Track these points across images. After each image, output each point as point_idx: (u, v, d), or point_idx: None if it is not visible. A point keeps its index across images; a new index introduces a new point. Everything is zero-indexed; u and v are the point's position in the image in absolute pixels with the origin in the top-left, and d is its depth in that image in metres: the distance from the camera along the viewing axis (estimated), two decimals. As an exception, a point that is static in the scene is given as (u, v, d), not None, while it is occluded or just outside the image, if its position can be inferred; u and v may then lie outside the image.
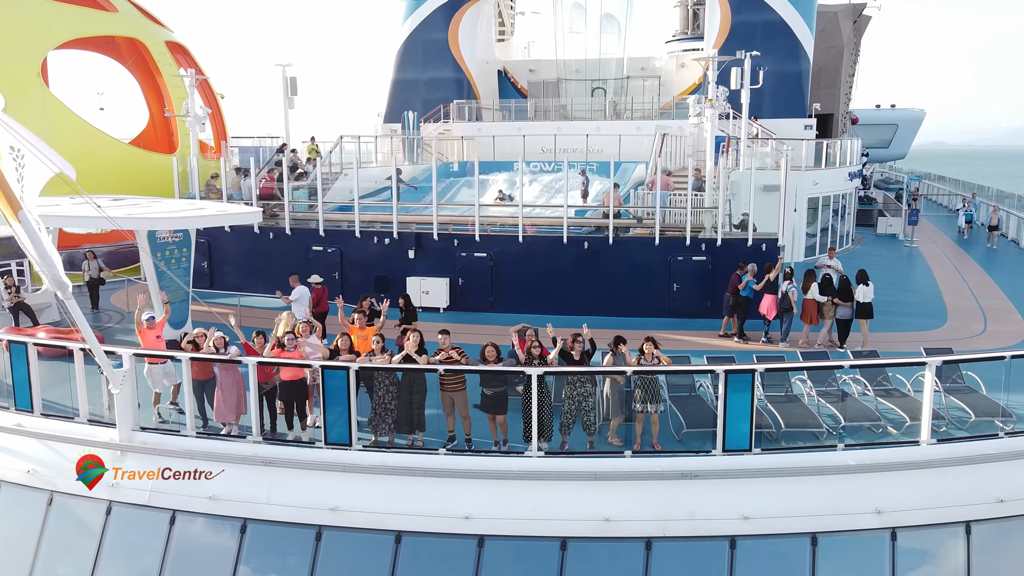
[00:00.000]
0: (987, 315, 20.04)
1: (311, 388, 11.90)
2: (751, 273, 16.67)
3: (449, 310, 20.05)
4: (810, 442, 11.67)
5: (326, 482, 11.08)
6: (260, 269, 21.76)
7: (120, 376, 11.59)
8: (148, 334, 13.30)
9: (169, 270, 15.88)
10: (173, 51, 28.39)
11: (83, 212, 15.80)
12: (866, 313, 16.58)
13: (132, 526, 11.48)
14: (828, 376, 13.04)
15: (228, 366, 11.66)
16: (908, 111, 62.03)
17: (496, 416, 11.44)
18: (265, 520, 11.06)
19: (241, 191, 22.06)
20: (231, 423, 11.86)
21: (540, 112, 38.77)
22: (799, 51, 35.20)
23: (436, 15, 39.04)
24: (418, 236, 20.27)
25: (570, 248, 19.33)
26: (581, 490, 10.75)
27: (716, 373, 10.94)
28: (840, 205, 30.96)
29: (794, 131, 33.04)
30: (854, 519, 10.71)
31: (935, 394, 12.66)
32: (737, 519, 10.59)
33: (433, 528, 10.74)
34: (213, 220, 15.95)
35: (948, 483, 10.98)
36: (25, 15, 23.06)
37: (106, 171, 23.68)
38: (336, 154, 27.41)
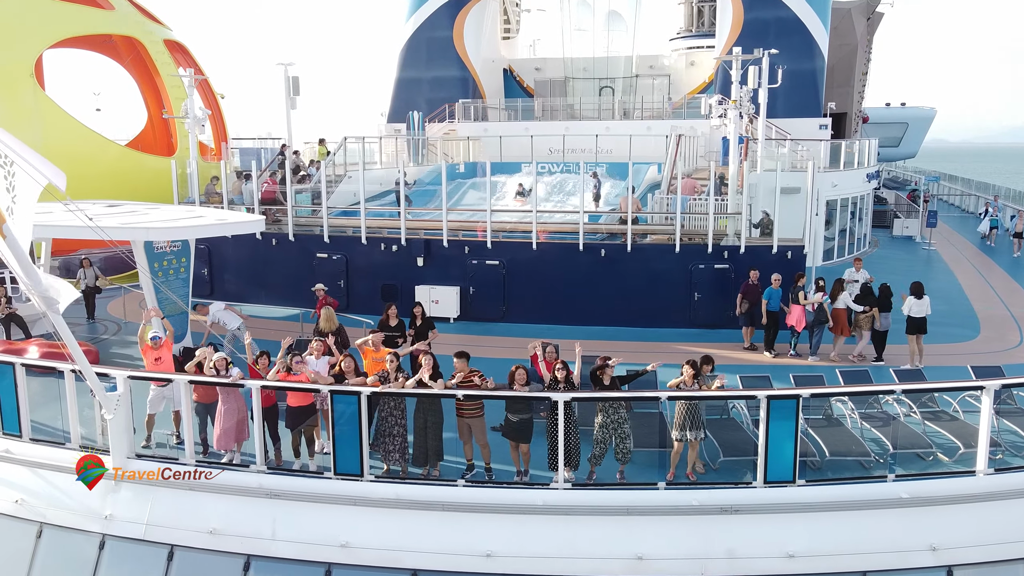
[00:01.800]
0: (1022, 325, 19.22)
1: (319, 413, 11.09)
2: (775, 284, 15.77)
3: (460, 320, 19.24)
4: (856, 471, 10.87)
5: (336, 516, 10.30)
6: (262, 277, 20.98)
7: (114, 401, 10.78)
8: (150, 355, 12.43)
9: (167, 281, 15.07)
10: (172, 50, 27.56)
11: (76, 222, 15.02)
12: (918, 328, 15.67)
13: (127, 562, 10.69)
14: (870, 396, 12.21)
15: (230, 389, 10.84)
16: (919, 109, 61.14)
17: (520, 444, 10.61)
18: (270, 557, 10.26)
19: (242, 195, 21.23)
20: (233, 451, 11.05)
21: (547, 112, 37.96)
22: (814, 49, 34.37)
23: (440, 13, 38.23)
24: (427, 243, 19.44)
25: (586, 255, 18.50)
26: (611, 526, 9.95)
27: (757, 399, 10.11)
28: (858, 207, 30.12)
29: (809, 131, 32.26)
30: (908, 557, 9.91)
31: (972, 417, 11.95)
32: (781, 557, 9.78)
33: (451, 566, 9.93)
34: (212, 230, 15.14)
35: (1008, 516, 10.18)
36: (17, 13, 22.23)
37: (102, 174, 22.87)
38: (340, 155, 26.53)
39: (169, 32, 27.52)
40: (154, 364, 12.31)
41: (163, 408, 11.78)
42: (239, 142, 28.28)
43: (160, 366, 12.29)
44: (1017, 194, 42.70)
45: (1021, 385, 11.26)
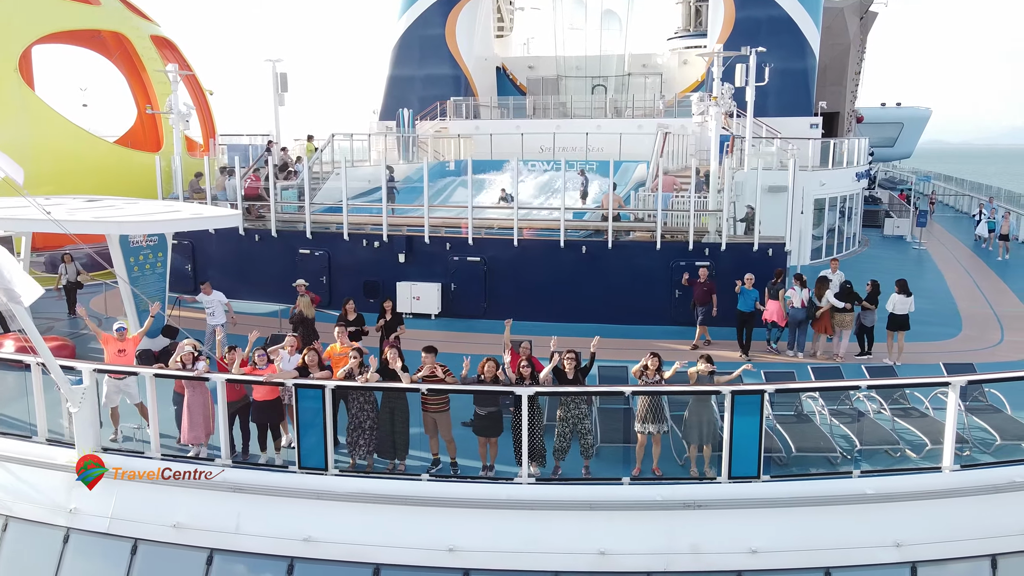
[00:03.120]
0: (1004, 323, 19.18)
1: (286, 408, 11.05)
2: (748, 284, 15.69)
3: (441, 317, 19.21)
4: (823, 467, 10.84)
5: (299, 510, 10.26)
6: (246, 273, 20.93)
7: (79, 394, 10.74)
8: (112, 345, 12.40)
9: (143, 276, 15.05)
10: (160, 46, 27.51)
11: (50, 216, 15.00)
12: (900, 325, 15.67)
13: (91, 556, 10.65)
14: (842, 393, 12.18)
15: (196, 384, 10.82)
16: (914, 109, 61.14)
17: (488, 439, 10.58)
18: (233, 551, 10.23)
19: (225, 191, 21.20)
20: (200, 445, 11.02)
21: (539, 110, 37.92)
22: (805, 48, 34.32)
23: (432, 10, 38.18)
24: (409, 239, 19.40)
25: (567, 252, 18.47)
26: (575, 520, 9.92)
27: (722, 394, 10.08)
28: (847, 206, 30.07)
29: (800, 130, 32.22)
30: (871, 552, 9.88)
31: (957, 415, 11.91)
32: (744, 552, 9.75)
33: (414, 561, 9.91)
34: (185, 224, 15.11)
35: (973, 513, 10.16)
36: (1, 8, 22.21)
37: (89, 170, 22.86)
38: (328, 152, 26.50)
39: (156, 28, 27.46)
40: (116, 356, 12.27)
41: (119, 401, 11.72)
42: (227, 138, 28.19)
43: (122, 358, 12.26)
44: (1010, 195, 42.56)
45: (986, 382, 11.25)
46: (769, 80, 34.13)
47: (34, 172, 22.22)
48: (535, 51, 45.65)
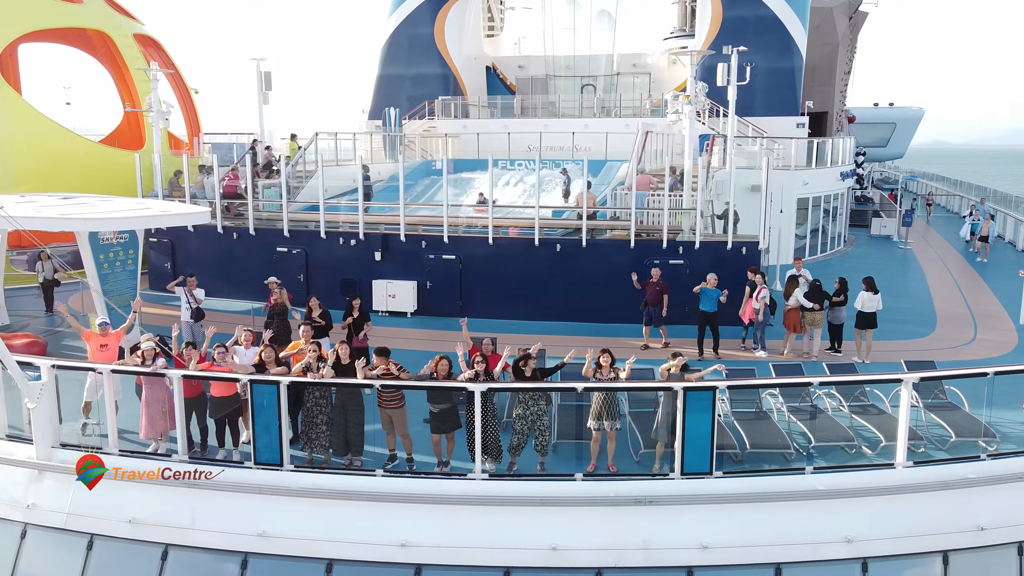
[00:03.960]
0: (979, 322, 19.21)
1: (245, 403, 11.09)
2: (711, 283, 15.67)
3: (417, 315, 19.25)
4: (779, 464, 10.87)
5: (254, 505, 10.30)
6: (224, 271, 20.96)
7: (37, 390, 10.79)
8: (95, 340, 12.46)
9: (114, 272, 15.09)
10: (145, 44, 27.53)
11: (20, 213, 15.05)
12: (868, 323, 15.71)
13: (48, 551, 10.70)
14: (802, 391, 12.22)
15: (155, 379, 10.86)
16: (906, 109, 61.11)
17: (444, 435, 10.62)
18: (188, 546, 10.27)
19: (204, 190, 21.26)
20: (159, 440, 11.06)
21: (527, 109, 37.95)
22: (792, 48, 34.34)
23: (422, 10, 38.21)
24: (385, 237, 19.45)
25: (542, 251, 18.51)
26: (527, 516, 9.95)
27: (674, 391, 10.12)
28: (832, 206, 30.11)
29: (786, 129, 32.25)
30: (822, 548, 9.92)
31: (914, 411, 11.96)
32: (696, 548, 9.78)
33: (367, 556, 9.93)
34: (154, 221, 15.16)
35: (925, 509, 10.19)
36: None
37: (70, 168, 22.90)
38: (311, 151, 26.53)
39: (140, 26, 27.49)
40: (98, 351, 12.34)
41: (99, 395, 11.75)
42: (212, 137, 28.24)
43: (104, 354, 12.32)
44: (1003, 196, 42.42)
45: (937, 378, 11.29)
46: (756, 79, 34.24)
47: (15, 170, 22.46)
48: (526, 51, 45.67)
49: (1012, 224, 35.11)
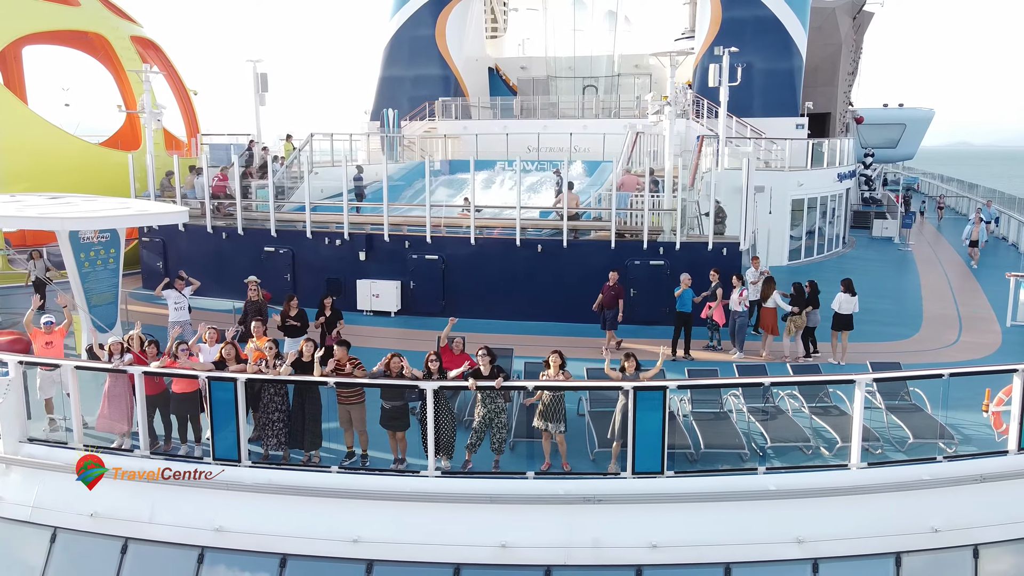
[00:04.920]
0: (964, 324, 19.07)
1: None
2: (685, 284, 15.66)
3: (400, 314, 19.38)
4: (735, 464, 10.89)
5: (211, 500, 10.45)
6: (214, 270, 21.15)
7: (3, 385, 11.01)
8: (39, 338, 12.73)
9: (95, 272, 15.29)
10: (144, 46, 27.87)
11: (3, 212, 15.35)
12: (844, 324, 15.65)
13: (13, 544, 10.91)
14: (765, 392, 12.22)
15: (118, 375, 11.05)
16: (916, 110, 60.50)
17: (396, 432, 10.73)
18: (146, 540, 10.44)
19: (195, 189, 21.51)
20: (124, 435, 11.25)
21: (528, 110, 38.03)
22: (791, 48, 34.20)
23: (423, 11, 38.40)
24: (369, 237, 19.60)
25: (523, 251, 18.59)
26: (477, 513, 10.04)
27: (625, 390, 10.17)
28: (829, 207, 29.93)
29: (785, 130, 32.11)
30: (772, 549, 9.93)
31: (876, 412, 11.95)
32: (645, 547, 9.83)
33: (320, 551, 10.07)
34: (131, 220, 15.36)
35: (878, 511, 10.17)
36: (-24, 9, 22.71)
37: (64, 169, 23.23)
38: (307, 152, 26.74)
39: (139, 28, 27.83)
40: (44, 348, 12.59)
41: (55, 392, 11.97)
42: (210, 137, 28.54)
43: (50, 350, 12.57)
44: (1008, 199, 41.80)
45: (890, 380, 11.24)
46: (754, 80, 34.20)
47: (8, 169, 22.81)
48: (531, 52, 45.76)
49: (1016, 226, 34.75)
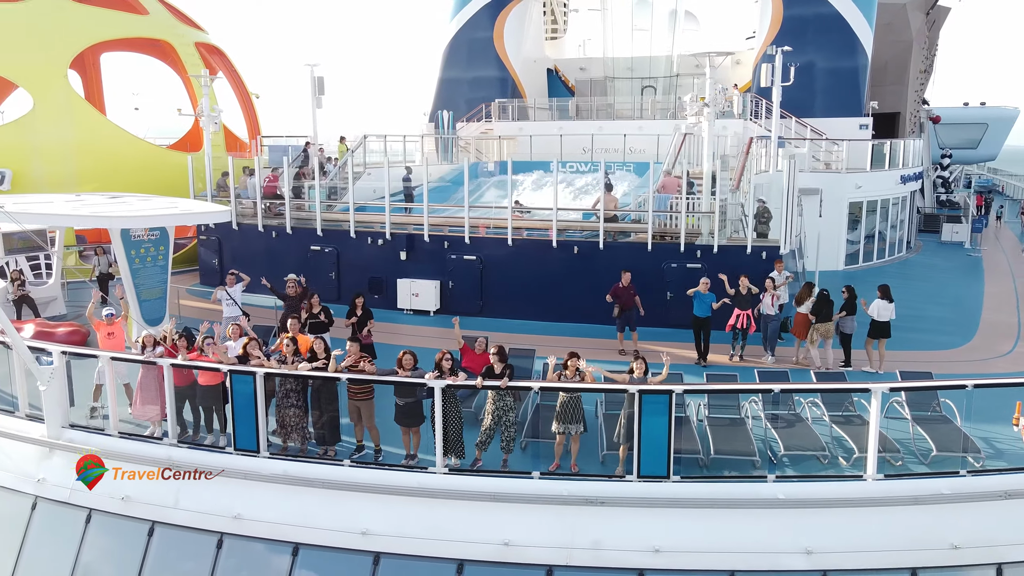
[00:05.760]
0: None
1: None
2: (704, 287, 15.37)
3: (439, 313, 19.67)
4: (747, 470, 10.72)
5: (231, 489, 10.90)
6: (264, 267, 21.88)
7: (47, 373, 11.71)
8: (102, 329, 13.49)
9: (145, 268, 16.08)
10: (209, 52, 29.05)
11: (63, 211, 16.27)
12: (881, 332, 15.16)
13: (53, 522, 11.60)
14: (787, 399, 11.98)
15: (150, 366, 11.62)
16: (1000, 109, 57.71)
17: (410, 429, 10.97)
18: (171, 524, 10.97)
19: (247, 189, 22.32)
20: (156, 423, 11.82)
21: (583, 111, 37.97)
22: (856, 46, 33.17)
23: (481, 14, 38.80)
24: (409, 237, 19.96)
25: (559, 252, 18.62)
26: (481, 511, 10.18)
27: (632, 393, 10.15)
28: (891, 210, 28.89)
29: (848, 131, 31.15)
30: (779, 558, 9.77)
31: (902, 423, 11.60)
32: (647, 551, 9.80)
33: (330, 542, 10.40)
34: (176, 219, 16.05)
35: (894, 524, 9.88)
36: (52, 18, 24.05)
37: (131, 170, 24.43)
38: (360, 153, 27.37)
39: (204, 35, 29.03)
40: (106, 339, 13.31)
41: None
42: (270, 139, 29.54)
43: (112, 341, 13.28)
44: None
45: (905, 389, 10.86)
46: (816, 79, 33.35)
47: (80, 170, 24.14)
48: (591, 53, 45.63)
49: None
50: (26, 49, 23.59)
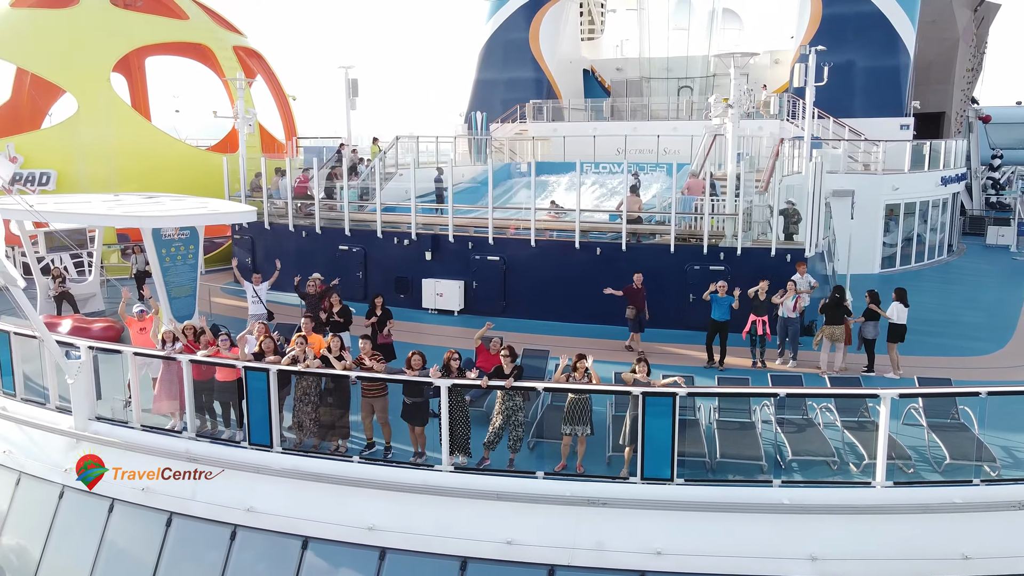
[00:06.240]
0: (1062, 341, 17.65)
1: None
2: (721, 290, 15.17)
3: (463, 313, 19.84)
4: (753, 475, 10.64)
5: (245, 482, 11.19)
6: (294, 266, 22.31)
7: (75, 367, 12.15)
8: (134, 325, 13.97)
9: (175, 266, 16.53)
10: (248, 56, 29.71)
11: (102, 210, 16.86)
12: (899, 336, 14.92)
13: (79, 511, 12.03)
14: (799, 404, 11.84)
15: (171, 361, 11.99)
16: (1055, 107, 55.90)
17: (415, 427, 11.13)
18: (188, 515, 11.30)
19: (279, 190, 22.79)
20: (176, 417, 12.18)
21: (618, 112, 37.83)
22: (898, 44, 32.48)
23: (517, 15, 38.97)
24: (435, 238, 20.16)
25: (582, 254, 18.64)
26: (485, 509, 10.29)
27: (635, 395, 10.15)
28: (930, 212, 28.21)
29: (888, 132, 30.52)
30: (783, 564, 9.69)
31: (918, 430, 11.40)
32: (649, 553, 9.81)
33: (337, 536, 10.62)
34: (203, 219, 16.45)
35: (902, 532, 9.72)
36: (95, 24, 24.89)
37: (170, 171, 25.14)
38: (392, 154, 27.72)
39: (243, 39, 29.69)
40: (138, 334, 13.79)
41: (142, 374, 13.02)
42: (306, 140, 30.10)
43: (144, 336, 13.75)
44: None
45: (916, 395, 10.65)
46: (856, 79, 32.74)
47: (121, 171, 24.93)
48: (628, 53, 45.40)
49: None
50: (71, 54, 24.48)
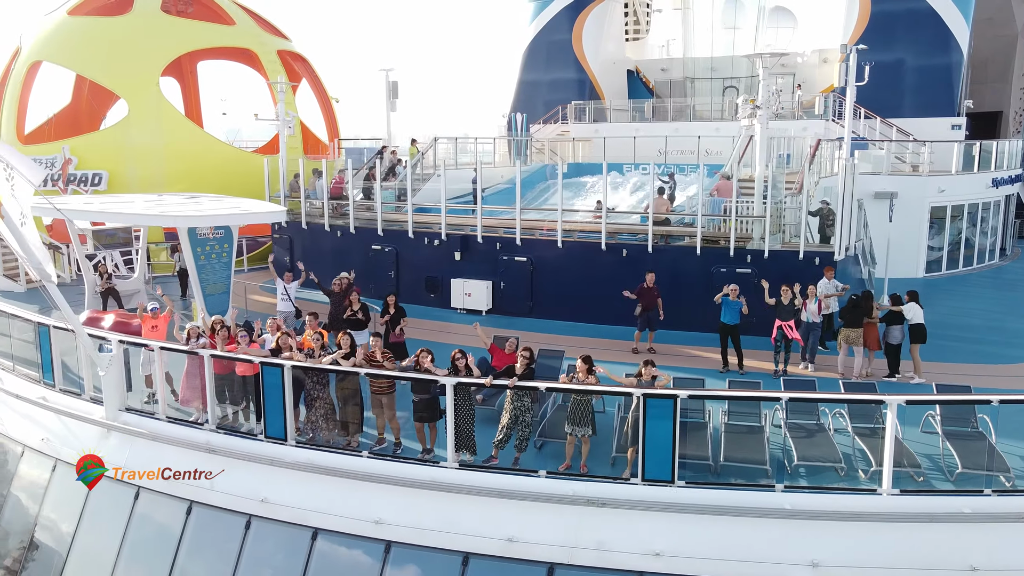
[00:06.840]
0: (1103, 349, 16.96)
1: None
2: (732, 293, 14.95)
3: (491, 313, 20.03)
4: (757, 478, 10.56)
5: (260, 473, 11.57)
6: (330, 264, 22.81)
7: (106, 360, 12.73)
8: (147, 322, 14.52)
9: (210, 264, 17.12)
10: (292, 59, 30.47)
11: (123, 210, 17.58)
12: (919, 336, 14.60)
13: (107, 497, 12.58)
14: (811, 408, 11.70)
15: (194, 356, 12.46)
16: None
17: (425, 424, 11.35)
18: (206, 504, 11.73)
19: (316, 191, 23.33)
20: (199, 409, 12.65)
21: (660, 112, 37.58)
22: (950, 42, 31.55)
23: (560, 16, 39.09)
24: (464, 238, 20.40)
25: (608, 255, 18.63)
26: (488, 507, 10.45)
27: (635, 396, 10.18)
28: (979, 215, 27.31)
29: (939, 132, 29.69)
30: (783, 570, 9.62)
31: (933, 438, 11.17)
32: (648, 554, 9.84)
33: (346, 528, 10.91)
34: (236, 219, 16.95)
35: (908, 541, 9.56)
36: (145, 31, 25.88)
37: (216, 172, 25.99)
38: (430, 155, 28.09)
39: (286, 43, 30.47)
40: (150, 332, 14.33)
41: (152, 369, 13.59)
42: (348, 142, 30.72)
43: (154, 334, 14.28)
44: None
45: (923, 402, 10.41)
46: (906, 78, 31.93)
47: (169, 172, 25.87)
48: (674, 53, 45.05)
49: None
50: (123, 60, 25.52)
